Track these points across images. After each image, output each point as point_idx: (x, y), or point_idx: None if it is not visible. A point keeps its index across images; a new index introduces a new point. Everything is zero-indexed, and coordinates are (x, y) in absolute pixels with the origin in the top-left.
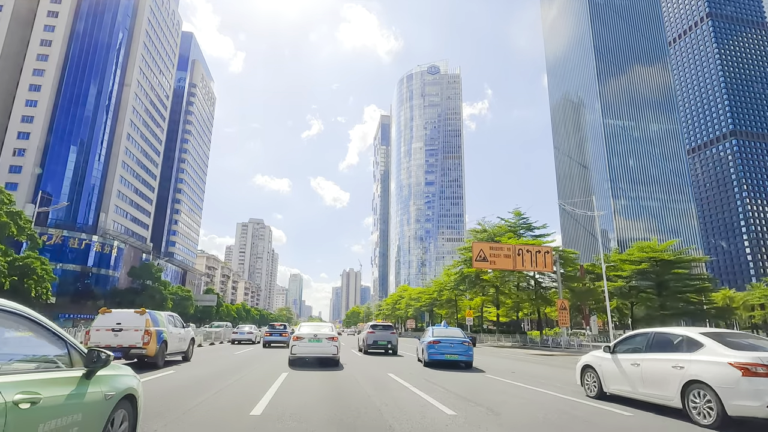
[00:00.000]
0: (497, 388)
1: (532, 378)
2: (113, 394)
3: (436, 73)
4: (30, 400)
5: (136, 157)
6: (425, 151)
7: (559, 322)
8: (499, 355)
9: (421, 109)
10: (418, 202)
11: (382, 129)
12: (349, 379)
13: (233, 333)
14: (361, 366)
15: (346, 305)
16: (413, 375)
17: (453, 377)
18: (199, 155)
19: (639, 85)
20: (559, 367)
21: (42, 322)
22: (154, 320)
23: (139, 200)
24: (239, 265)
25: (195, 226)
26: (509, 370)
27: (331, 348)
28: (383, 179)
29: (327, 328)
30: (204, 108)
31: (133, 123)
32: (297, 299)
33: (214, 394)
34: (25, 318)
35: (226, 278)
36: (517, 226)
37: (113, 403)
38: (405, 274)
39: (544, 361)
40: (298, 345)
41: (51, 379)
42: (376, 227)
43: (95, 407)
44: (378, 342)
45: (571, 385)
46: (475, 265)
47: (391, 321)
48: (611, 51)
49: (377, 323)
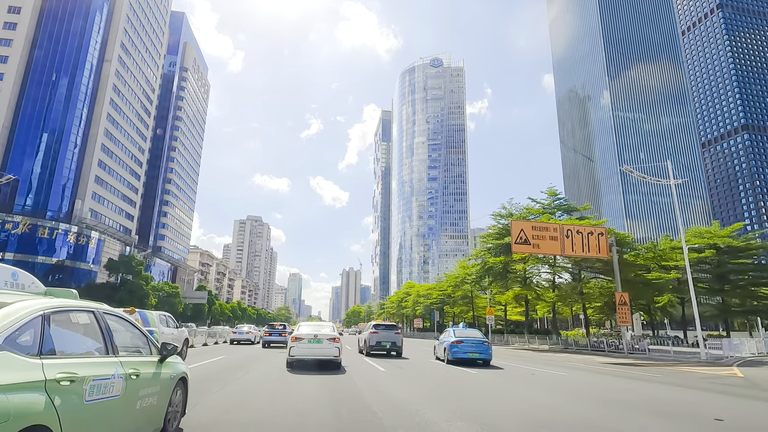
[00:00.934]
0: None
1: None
2: (174, 375)
3: (439, 66)
4: (136, 374)
5: (118, 140)
6: (428, 146)
7: (618, 320)
8: (574, 367)
9: (423, 103)
10: (420, 198)
11: (383, 125)
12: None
13: (232, 333)
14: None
15: (345, 305)
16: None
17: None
18: (191, 144)
19: (650, 77)
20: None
21: (132, 322)
22: (144, 320)
23: (122, 188)
24: (237, 264)
25: (187, 220)
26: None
27: (332, 349)
28: (384, 176)
29: (328, 328)
30: (197, 95)
31: (114, 103)
32: (296, 299)
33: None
34: (124, 320)
35: (222, 276)
36: (552, 207)
37: (174, 382)
38: (407, 273)
39: (655, 378)
40: (296, 346)
41: (143, 361)
42: (376, 225)
43: (166, 383)
44: (381, 343)
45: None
46: (515, 249)
47: (396, 320)
48: (621, 42)
49: (380, 323)
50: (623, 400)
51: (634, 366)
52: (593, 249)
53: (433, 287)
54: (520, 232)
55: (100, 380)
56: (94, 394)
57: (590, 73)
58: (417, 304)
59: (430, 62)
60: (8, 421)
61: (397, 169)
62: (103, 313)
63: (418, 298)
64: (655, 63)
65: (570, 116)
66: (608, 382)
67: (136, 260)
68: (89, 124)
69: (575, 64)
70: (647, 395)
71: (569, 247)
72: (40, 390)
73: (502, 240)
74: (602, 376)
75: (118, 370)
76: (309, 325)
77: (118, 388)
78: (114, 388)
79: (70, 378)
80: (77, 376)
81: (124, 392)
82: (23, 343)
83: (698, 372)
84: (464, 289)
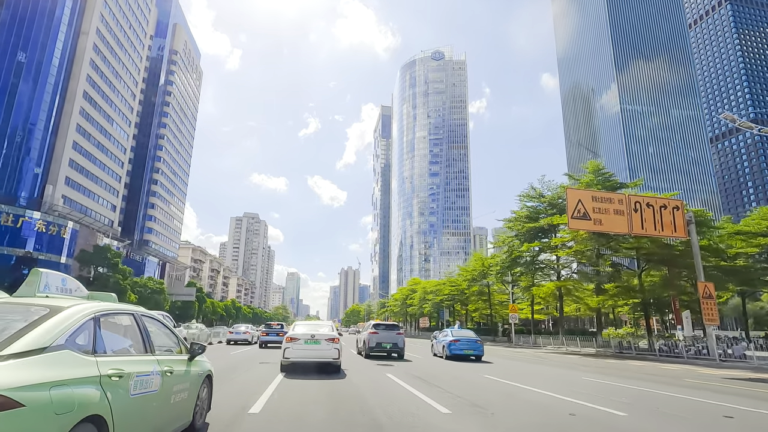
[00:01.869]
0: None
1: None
2: (202, 373)
3: (441, 59)
4: (170, 371)
5: (97, 121)
6: (429, 141)
7: (705, 318)
8: (695, 386)
9: (424, 97)
10: (421, 194)
11: (383, 121)
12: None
13: (229, 333)
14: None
15: (344, 304)
16: None
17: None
18: (182, 133)
19: (658, 70)
20: None
21: (164, 323)
22: None
23: (102, 174)
24: (233, 261)
25: (177, 213)
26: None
27: (331, 351)
28: (384, 173)
29: (326, 328)
30: (187, 81)
31: (92, 80)
32: (294, 298)
33: None
34: (157, 320)
35: (216, 273)
36: (595, 183)
37: (202, 379)
38: (408, 271)
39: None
40: (292, 348)
41: (175, 360)
42: (376, 223)
43: (195, 380)
44: (382, 344)
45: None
46: (572, 225)
47: (399, 319)
48: (628, 34)
49: (380, 322)
50: None
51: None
52: (667, 227)
53: (443, 283)
54: (578, 204)
55: (142, 376)
56: (137, 389)
57: (597, 67)
58: (424, 301)
59: (432, 55)
60: (73, 410)
61: (397, 165)
62: (141, 315)
63: (425, 295)
64: (663, 56)
65: (575, 111)
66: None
67: (113, 252)
68: (63, 102)
69: (581, 58)
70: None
71: (638, 224)
72: (96, 384)
73: (534, 223)
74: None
75: (155, 367)
76: (305, 324)
77: (156, 383)
78: (153, 384)
79: (119, 374)
80: (124, 372)
81: (161, 388)
82: (80, 343)
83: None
84: (481, 284)
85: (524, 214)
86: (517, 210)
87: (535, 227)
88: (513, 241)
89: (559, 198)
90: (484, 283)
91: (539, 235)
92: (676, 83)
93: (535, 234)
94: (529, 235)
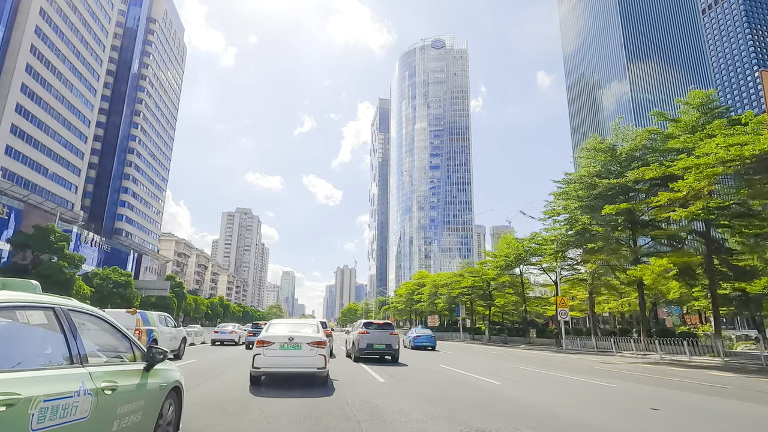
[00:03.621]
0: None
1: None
2: (165, 385)
3: (441, 48)
4: (111, 388)
5: (50, 84)
6: (430, 133)
7: None
8: None
9: (424, 87)
10: (421, 188)
11: (381, 114)
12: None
13: (214, 332)
14: None
15: (340, 303)
16: None
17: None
18: (161, 112)
19: (669, 58)
20: None
21: (111, 322)
22: (145, 320)
23: (59, 148)
24: (225, 258)
25: (157, 200)
26: None
27: (315, 359)
28: (381, 167)
29: (310, 328)
30: (167, 55)
31: (42, 34)
32: (289, 297)
33: None
34: (101, 319)
35: (203, 268)
36: (701, 124)
37: (165, 393)
38: (407, 268)
39: None
40: (263, 354)
41: (122, 371)
42: (373, 219)
43: (153, 395)
44: (373, 345)
45: None
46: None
47: (404, 318)
48: (640, 20)
49: (371, 321)
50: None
51: None
52: None
53: (460, 274)
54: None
55: (57, 400)
56: (46, 420)
57: (607, 57)
58: (436, 296)
59: (432, 44)
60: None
61: (396, 159)
62: (69, 310)
63: (437, 288)
64: (675, 43)
65: (582, 101)
66: None
67: (57, 234)
68: (3, 56)
69: (590, 48)
70: None
71: None
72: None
73: (615, 179)
74: None
75: (85, 384)
76: (283, 323)
77: (84, 408)
78: (79, 409)
79: (7, 401)
80: (19, 397)
81: (94, 412)
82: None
83: None
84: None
85: (594, 170)
86: (577, 171)
87: (616, 186)
88: (571, 207)
89: (637, 149)
90: (515, 272)
91: (619, 198)
92: (688, 70)
93: (611, 197)
94: (602, 200)
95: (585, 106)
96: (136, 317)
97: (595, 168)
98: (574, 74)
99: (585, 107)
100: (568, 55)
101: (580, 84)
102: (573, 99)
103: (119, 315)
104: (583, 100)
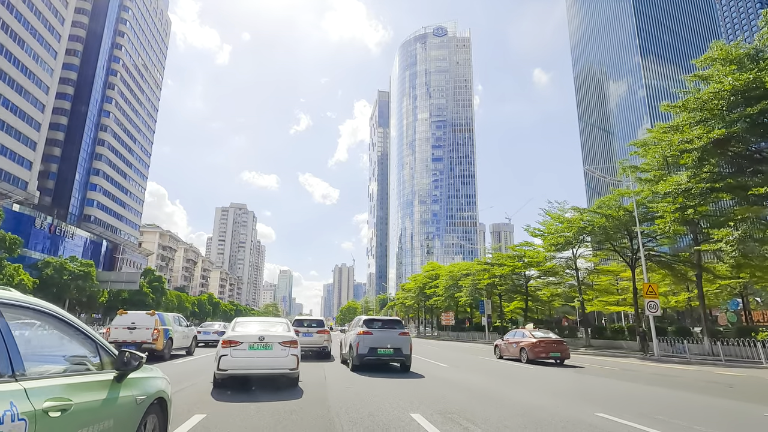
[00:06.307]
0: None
1: None
2: (144, 398)
3: (443, 36)
4: (60, 408)
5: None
6: (432, 123)
7: None
8: None
9: (426, 76)
10: (423, 181)
11: (380, 108)
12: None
13: (197, 332)
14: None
15: (338, 302)
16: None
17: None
18: (140, 89)
19: (684, 45)
20: None
21: (71, 321)
22: (162, 320)
23: (8, 116)
24: (218, 255)
25: (137, 187)
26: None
27: (286, 359)
28: (381, 162)
29: (281, 327)
30: (147, 26)
31: None
32: (286, 296)
33: None
34: (53, 316)
35: (192, 263)
36: None
37: (144, 408)
38: (408, 264)
39: None
40: (230, 355)
41: (82, 383)
42: (372, 216)
43: (127, 412)
44: (378, 350)
45: None
46: None
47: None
48: (652, 6)
49: (374, 318)
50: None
51: None
52: None
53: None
54: None
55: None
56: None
57: (618, 44)
58: (457, 288)
59: (434, 31)
60: None
61: (396, 152)
62: (5, 304)
63: (455, 281)
64: (690, 28)
65: (591, 91)
66: None
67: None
68: None
69: (599, 36)
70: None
71: None
72: None
73: None
74: None
75: (17, 406)
76: (251, 321)
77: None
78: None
79: None
80: None
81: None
82: None
83: None
84: (560, 260)
85: (728, 87)
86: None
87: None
88: (698, 143)
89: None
90: (560, 259)
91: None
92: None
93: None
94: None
95: (593, 95)
96: (154, 318)
97: (739, 80)
98: (582, 66)
99: (593, 96)
100: (575, 43)
101: (589, 74)
102: (580, 88)
103: (141, 316)
104: (591, 91)
